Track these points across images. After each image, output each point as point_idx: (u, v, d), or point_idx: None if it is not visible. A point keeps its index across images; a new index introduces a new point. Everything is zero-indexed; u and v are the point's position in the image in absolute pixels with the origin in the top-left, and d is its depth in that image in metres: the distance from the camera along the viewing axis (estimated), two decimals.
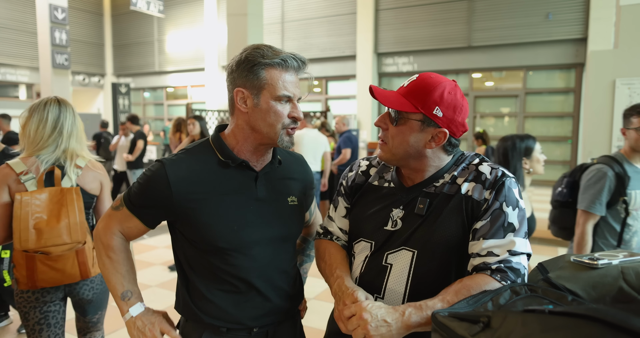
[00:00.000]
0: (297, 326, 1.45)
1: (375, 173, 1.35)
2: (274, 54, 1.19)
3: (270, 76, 1.19)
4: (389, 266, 1.20)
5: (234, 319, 1.26)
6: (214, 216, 1.21)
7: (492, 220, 1.12)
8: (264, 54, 1.18)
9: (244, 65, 1.20)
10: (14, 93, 15.01)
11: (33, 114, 1.93)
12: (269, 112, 1.20)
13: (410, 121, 1.16)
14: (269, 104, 1.20)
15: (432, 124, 1.16)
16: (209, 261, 1.25)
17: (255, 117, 1.21)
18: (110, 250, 1.29)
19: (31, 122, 1.92)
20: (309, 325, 1.56)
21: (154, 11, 12.20)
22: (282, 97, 1.20)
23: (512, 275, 1.08)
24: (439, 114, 1.14)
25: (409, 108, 1.15)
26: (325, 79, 13.50)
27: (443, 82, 1.16)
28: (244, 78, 1.20)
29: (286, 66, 1.19)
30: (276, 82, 1.19)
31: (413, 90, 1.16)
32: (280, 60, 1.18)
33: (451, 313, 0.88)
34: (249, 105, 1.21)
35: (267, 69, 1.18)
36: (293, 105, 1.23)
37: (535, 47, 10.55)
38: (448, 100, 1.15)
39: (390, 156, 1.21)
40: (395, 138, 1.19)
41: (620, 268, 0.99)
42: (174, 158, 1.24)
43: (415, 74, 1.21)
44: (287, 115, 1.22)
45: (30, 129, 1.91)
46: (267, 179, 1.31)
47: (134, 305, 1.28)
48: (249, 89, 1.20)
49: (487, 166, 1.19)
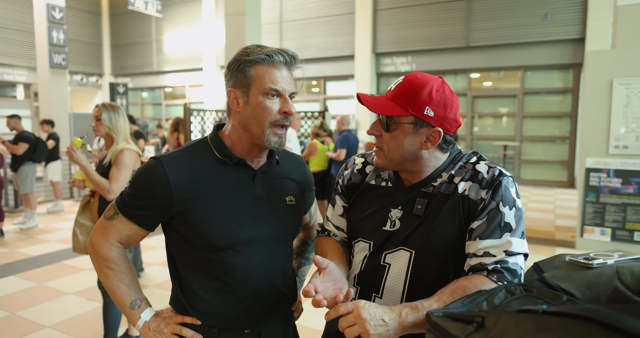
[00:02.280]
0: (290, 327, 1.44)
1: (372, 172, 1.34)
2: (259, 51, 1.19)
3: (257, 72, 1.19)
4: (388, 265, 1.20)
5: (226, 319, 1.25)
6: (212, 213, 1.20)
7: (488, 219, 1.11)
8: (249, 52, 1.20)
9: (233, 65, 1.21)
10: (12, 93, 14.96)
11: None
12: (258, 108, 1.20)
13: (403, 124, 1.15)
14: (258, 99, 1.20)
15: (425, 125, 1.14)
16: (203, 259, 1.24)
17: (247, 116, 1.22)
18: (110, 262, 1.25)
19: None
20: (306, 325, 1.55)
21: (151, 11, 12.18)
22: (269, 91, 1.19)
23: (508, 275, 1.07)
24: (430, 114, 1.13)
25: (399, 112, 1.13)
26: (323, 79, 13.49)
27: (430, 80, 1.15)
28: (234, 78, 1.22)
29: (272, 60, 1.19)
30: (262, 78, 1.19)
31: (401, 93, 1.15)
32: (265, 55, 1.18)
33: (445, 313, 0.87)
34: (241, 104, 1.22)
35: (254, 66, 1.19)
36: (284, 100, 1.22)
37: (533, 47, 10.57)
38: (437, 98, 1.14)
39: (387, 162, 1.20)
40: (390, 144, 1.18)
41: (616, 267, 0.99)
42: (171, 155, 1.23)
43: (410, 73, 1.20)
44: (278, 111, 1.21)
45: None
46: (264, 177, 1.30)
47: (144, 310, 1.27)
48: (239, 88, 1.21)
49: (485, 164, 1.18)
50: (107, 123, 2.78)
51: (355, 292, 1.25)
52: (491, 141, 11.25)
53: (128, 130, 2.87)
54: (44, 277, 4.53)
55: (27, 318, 3.56)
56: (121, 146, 2.77)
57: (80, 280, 4.44)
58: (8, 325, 3.45)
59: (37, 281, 4.42)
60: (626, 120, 4.99)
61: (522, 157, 11.16)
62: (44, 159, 7.18)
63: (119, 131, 2.80)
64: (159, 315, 1.29)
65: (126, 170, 2.73)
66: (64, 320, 3.53)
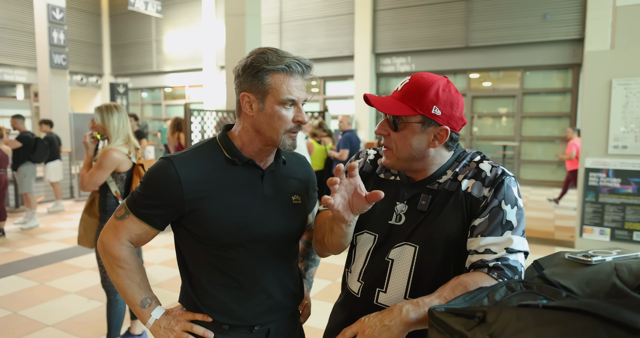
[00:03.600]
0: (297, 325, 1.46)
1: (381, 165, 1.36)
2: (278, 60, 1.20)
3: (275, 81, 1.20)
4: (392, 261, 1.22)
5: (236, 315, 1.28)
6: (222, 212, 1.23)
7: (490, 217, 1.13)
8: (268, 60, 1.20)
9: (249, 70, 1.21)
10: (12, 93, 14.96)
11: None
12: (274, 117, 1.22)
13: (411, 124, 1.18)
14: (274, 108, 1.21)
15: (432, 124, 1.17)
16: (214, 256, 1.26)
17: (260, 121, 1.23)
18: (121, 261, 1.26)
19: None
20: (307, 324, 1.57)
21: (151, 11, 12.19)
22: (286, 102, 1.21)
23: (509, 272, 1.09)
24: (438, 113, 1.16)
25: (408, 112, 1.16)
26: (323, 79, 13.51)
27: (436, 80, 1.18)
28: (249, 83, 1.22)
29: (290, 71, 1.21)
30: (280, 87, 1.20)
31: (408, 92, 1.18)
32: (284, 65, 1.19)
33: (447, 309, 0.89)
34: (255, 109, 1.23)
35: (272, 75, 1.20)
36: (298, 109, 1.24)
37: (533, 48, 10.59)
38: (444, 97, 1.16)
39: (396, 161, 1.22)
40: (398, 143, 1.20)
41: (614, 264, 1.01)
42: (181, 155, 1.25)
43: (416, 73, 1.23)
44: (292, 119, 1.24)
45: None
46: (272, 177, 1.33)
47: (155, 309, 1.28)
48: (254, 94, 1.22)
49: (488, 164, 1.21)
50: (99, 123, 2.84)
51: (360, 287, 1.27)
52: (490, 141, 11.27)
53: (125, 130, 2.88)
54: (46, 277, 4.54)
55: (30, 317, 3.58)
56: (110, 146, 2.81)
57: (81, 280, 4.46)
58: (11, 324, 3.46)
59: (38, 280, 4.44)
60: (625, 120, 5.01)
61: (522, 157, 11.19)
62: (44, 160, 7.20)
63: (110, 131, 2.83)
64: (170, 313, 1.30)
65: (102, 170, 2.77)
66: (65, 319, 3.55)
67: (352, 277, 1.31)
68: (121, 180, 2.87)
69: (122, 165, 2.85)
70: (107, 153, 2.77)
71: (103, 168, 2.77)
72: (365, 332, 1.00)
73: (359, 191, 1.12)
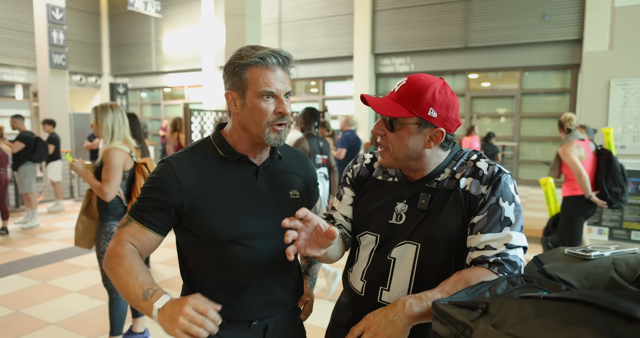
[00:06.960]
0: (296, 321, 1.47)
1: (378, 168, 1.38)
2: (252, 54, 1.23)
3: (251, 75, 1.23)
4: (394, 259, 1.24)
5: (234, 310, 1.29)
6: (218, 210, 1.25)
7: (489, 214, 1.16)
8: (242, 55, 1.23)
9: (229, 68, 1.26)
10: (11, 93, 14.96)
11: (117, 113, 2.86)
12: (254, 110, 1.24)
13: (407, 125, 1.19)
14: (254, 102, 1.24)
15: (428, 125, 1.19)
16: (211, 253, 1.28)
17: (244, 117, 1.27)
18: (121, 258, 1.20)
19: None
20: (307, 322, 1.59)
21: (151, 11, 12.20)
22: (263, 93, 1.23)
23: (509, 267, 1.12)
24: (434, 115, 1.18)
25: (404, 113, 1.18)
26: (322, 79, 13.53)
27: (433, 82, 1.19)
28: (230, 81, 1.27)
29: (265, 63, 1.23)
30: (257, 80, 1.23)
31: (405, 94, 1.19)
32: (257, 58, 1.22)
33: (451, 301, 0.91)
34: (238, 106, 1.27)
35: (248, 69, 1.23)
36: (278, 100, 1.26)
37: (531, 48, 10.62)
38: (440, 99, 1.18)
39: (392, 161, 1.24)
40: (394, 143, 1.22)
41: (612, 259, 1.03)
42: (178, 156, 1.28)
43: (412, 74, 1.25)
44: (273, 111, 1.26)
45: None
46: (267, 173, 1.35)
47: (158, 298, 1.13)
48: (236, 91, 1.26)
49: (485, 162, 1.23)
50: (93, 122, 2.84)
51: (363, 286, 1.29)
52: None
53: (122, 129, 2.86)
54: (47, 275, 4.56)
55: (32, 316, 3.60)
56: (108, 145, 2.80)
57: (83, 278, 4.48)
58: (14, 322, 3.48)
59: (40, 279, 4.45)
60: (623, 120, 5.04)
61: (520, 157, 11.22)
62: (44, 159, 7.21)
63: (105, 130, 2.81)
64: (176, 300, 1.27)
65: (115, 170, 2.74)
66: (68, 318, 3.57)
67: (355, 276, 1.33)
68: (123, 179, 2.88)
69: (127, 163, 2.87)
70: (110, 153, 2.77)
71: (115, 167, 2.75)
72: (371, 328, 1.02)
73: (320, 229, 1.12)
